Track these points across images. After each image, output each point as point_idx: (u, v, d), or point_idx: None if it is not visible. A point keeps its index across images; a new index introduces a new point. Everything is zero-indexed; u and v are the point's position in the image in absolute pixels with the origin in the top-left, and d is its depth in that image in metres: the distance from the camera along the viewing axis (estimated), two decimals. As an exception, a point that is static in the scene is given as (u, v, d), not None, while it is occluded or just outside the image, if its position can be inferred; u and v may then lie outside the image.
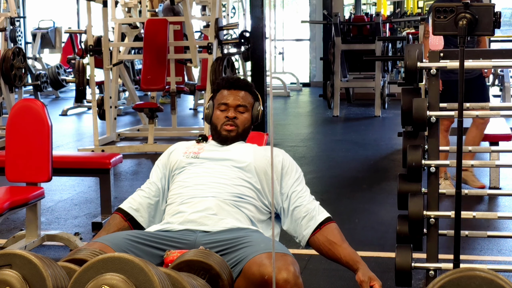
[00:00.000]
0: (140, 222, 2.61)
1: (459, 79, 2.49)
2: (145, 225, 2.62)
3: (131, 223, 2.60)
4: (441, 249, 2.77)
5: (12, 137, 3.58)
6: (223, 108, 2.71)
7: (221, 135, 2.69)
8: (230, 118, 2.68)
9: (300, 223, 2.55)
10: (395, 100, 9.90)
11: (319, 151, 7.32)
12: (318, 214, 2.56)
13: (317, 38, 12.78)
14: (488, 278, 1.66)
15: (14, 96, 7.86)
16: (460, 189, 2.53)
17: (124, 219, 2.60)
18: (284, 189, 2.60)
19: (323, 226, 2.53)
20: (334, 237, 2.51)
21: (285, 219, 2.60)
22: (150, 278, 1.65)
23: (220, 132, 2.69)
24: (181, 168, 2.63)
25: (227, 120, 2.69)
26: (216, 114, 2.72)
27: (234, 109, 2.70)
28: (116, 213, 2.63)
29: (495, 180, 5.25)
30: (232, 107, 2.70)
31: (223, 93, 2.74)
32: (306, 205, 2.57)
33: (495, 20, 2.48)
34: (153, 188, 2.67)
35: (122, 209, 2.63)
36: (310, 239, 2.54)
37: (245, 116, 2.72)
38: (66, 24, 12.69)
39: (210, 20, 7.15)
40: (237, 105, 2.70)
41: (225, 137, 2.69)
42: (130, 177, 6.04)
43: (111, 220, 2.61)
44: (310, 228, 2.54)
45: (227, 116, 2.69)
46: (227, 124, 2.68)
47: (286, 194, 2.59)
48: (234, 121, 2.69)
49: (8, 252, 1.76)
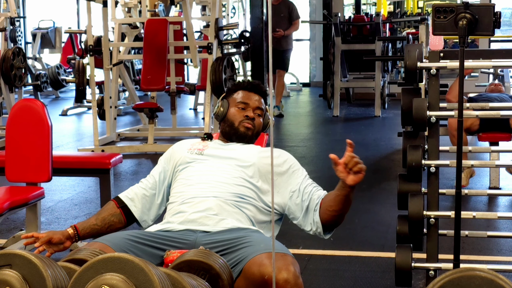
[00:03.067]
0: (133, 212, 2.63)
1: (459, 78, 2.49)
2: (138, 215, 2.64)
3: (123, 211, 2.62)
4: (441, 249, 2.77)
5: (12, 137, 3.58)
6: (242, 107, 2.73)
7: (239, 131, 2.71)
8: (250, 117, 2.72)
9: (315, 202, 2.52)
10: (395, 100, 9.90)
11: (319, 151, 7.32)
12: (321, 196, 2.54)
13: (317, 38, 12.78)
14: (488, 278, 1.66)
15: (14, 96, 7.87)
16: (460, 189, 2.53)
17: (117, 205, 2.63)
18: (294, 186, 2.58)
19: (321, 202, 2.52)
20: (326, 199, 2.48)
21: (301, 215, 2.55)
22: (150, 278, 1.65)
23: (238, 128, 2.71)
24: (185, 164, 2.65)
25: (247, 118, 2.71)
26: (233, 111, 2.74)
27: (253, 110, 2.74)
28: (111, 200, 2.67)
29: (495, 180, 5.25)
30: (251, 108, 2.74)
31: (241, 93, 2.77)
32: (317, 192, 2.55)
33: (495, 20, 2.48)
34: (150, 180, 2.69)
35: (118, 197, 2.67)
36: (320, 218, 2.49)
37: (261, 120, 2.77)
38: (66, 24, 12.70)
39: (210, 20, 7.15)
40: (257, 107, 2.75)
41: (244, 133, 2.71)
42: (130, 177, 6.04)
43: (105, 206, 2.65)
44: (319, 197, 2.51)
45: (247, 115, 2.71)
46: (246, 121, 2.71)
47: (298, 190, 2.57)
48: (253, 121, 2.72)
49: (8, 252, 1.76)
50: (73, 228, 2.51)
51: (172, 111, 7.45)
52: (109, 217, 2.59)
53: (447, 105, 2.81)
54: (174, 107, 7.37)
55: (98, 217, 2.58)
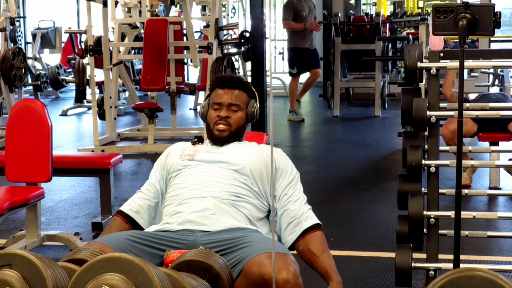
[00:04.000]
0: (140, 224, 2.62)
1: (459, 79, 2.49)
2: (146, 226, 2.62)
3: (132, 225, 2.61)
4: (441, 249, 2.77)
5: (12, 137, 3.58)
6: (216, 107, 2.70)
7: (213, 135, 2.69)
8: (222, 117, 2.67)
9: (286, 227, 2.55)
10: (395, 100, 9.89)
11: (319, 151, 7.31)
12: (304, 221, 2.54)
13: (317, 38, 12.77)
14: (488, 278, 1.66)
15: (14, 96, 7.86)
16: (460, 189, 2.53)
17: (125, 221, 2.60)
18: (277, 191, 2.59)
19: (307, 234, 2.51)
20: (315, 247, 2.48)
21: (275, 218, 2.60)
22: (150, 278, 1.65)
23: (213, 131, 2.69)
24: (177, 171, 2.63)
25: (219, 119, 2.68)
26: (209, 113, 2.71)
27: (226, 108, 2.68)
28: (116, 216, 2.63)
29: (495, 180, 5.25)
30: (224, 106, 2.69)
31: (217, 92, 2.72)
32: (294, 210, 2.55)
33: (495, 20, 2.48)
34: (152, 189, 2.67)
35: (123, 211, 2.63)
36: (294, 245, 2.54)
37: (239, 115, 2.69)
38: (66, 24, 12.69)
39: (210, 20, 7.14)
40: (230, 104, 2.69)
41: (217, 136, 2.67)
42: (130, 177, 6.04)
43: (112, 223, 2.61)
44: (294, 234, 2.53)
45: (219, 116, 2.68)
46: (219, 123, 2.67)
47: (278, 196, 2.59)
48: (226, 120, 2.67)
49: (8, 252, 1.76)
50: None
51: (172, 111, 7.45)
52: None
53: (447, 105, 2.81)
54: (174, 107, 7.37)
55: None
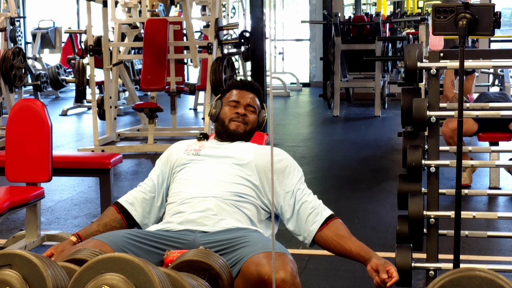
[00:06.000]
0: (133, 216, 2.63)
1: (459, 79, 2.49)
2: (139, 219, 2.63)
3: (124, 216, 2.62)
4: (441, 249, 2.77)
5: (12, 137, 3.58)
6: (233, 105, 2.74)
7: (228, 130, 2.70)
8: (240, 114, 2.71)
9: (306, 219, 2.54)
10: (395, 100, 9.90)
11: (319, 151, 7.32)
12: (323, 210, 2.56)
13: (317, 38, 12.78)
14: (488, 278, 1.66)
15: (14, 96, 7.86)
16: (460, 189, 2.53)
17: (118, 211, 2.63)
18: (289, 187, 2.59)
19: (329, 222, 2.53)
20: (342, 231, 2.51)
21: (290, 217, 2.58)
22: (150, 278, 1.65)
23: (228, 126, 2.71)
24: (182, 165, 2.64)
25: (237, 116, 2.71)
26: (224, 110, 2.74)
27: (244, 107, 2.73)
28: (111, 206, 2.67)
29: (495, 180, 5.25)
30: (243, 105, 2.74)
31: (233, 92, 2.77)
32: (312, 202, 2.57)
33: (495, 20, 2.47)
34: (149, 183, 2.69)
35: (118, 202, 2.67)
36: (317, 235, 2.53)
37: (254, 117, 2.75)
38: (66, 24, 12.69)
39: (210, 20, 7.14)
40: (248, 104, 2.74)
41: (233, 131, 2.70)
42: (130, 177, 6.04)
43: (105, 212, 2.65)
44: (317, 223, 2.53)
45: (237, 112, 2.71)
46: (236, 120, 2.71)
47: (291, 192, 2.59)
48: (244, 118, 2.71)
49: (8, 252, 1.76)
50: (76, 236, 2.51)
51: (172, 111, 7.45)
52: (111, 223, 2.59)
53: (447, 105, 2.81)
54: (174, 107, 7.37)
55: (99, 224, 2.58)
